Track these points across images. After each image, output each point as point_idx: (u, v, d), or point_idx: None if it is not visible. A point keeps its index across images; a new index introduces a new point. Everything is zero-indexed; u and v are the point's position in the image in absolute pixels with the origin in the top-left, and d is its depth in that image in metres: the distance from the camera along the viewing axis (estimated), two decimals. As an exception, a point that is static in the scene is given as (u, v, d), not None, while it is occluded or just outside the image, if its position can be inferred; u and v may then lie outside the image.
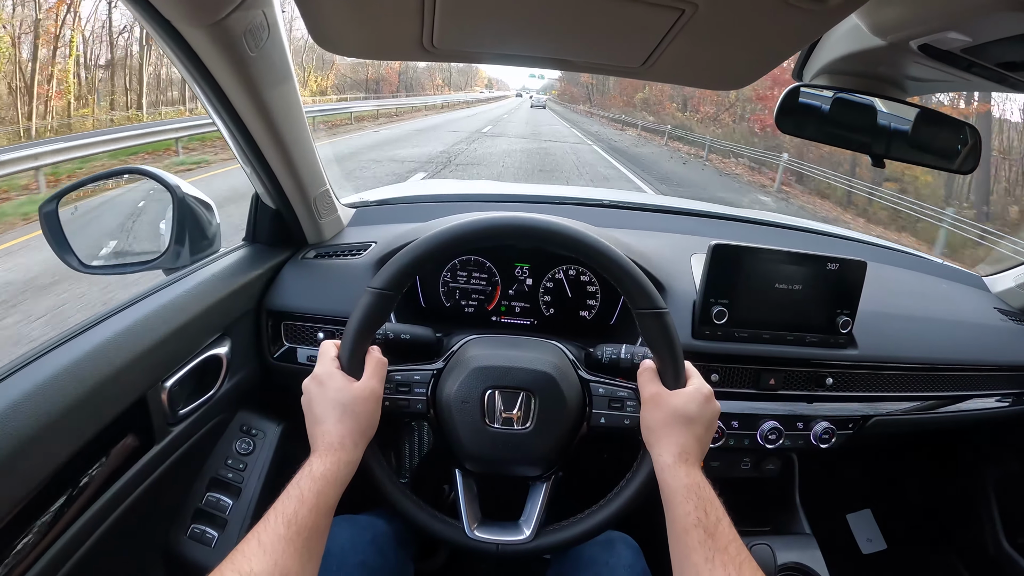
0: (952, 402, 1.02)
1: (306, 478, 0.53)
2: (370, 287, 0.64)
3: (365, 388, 0.60)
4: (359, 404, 0.59)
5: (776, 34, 0.55)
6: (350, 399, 0.59)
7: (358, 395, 0.59)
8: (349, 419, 0.58)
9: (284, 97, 0.73)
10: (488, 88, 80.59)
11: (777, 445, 0.91)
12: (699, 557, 0.51)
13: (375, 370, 0.62)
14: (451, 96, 43.72)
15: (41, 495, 0.54)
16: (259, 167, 0.81)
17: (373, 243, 0.99)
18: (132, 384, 0.66)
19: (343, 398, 0.58)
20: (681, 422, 0.61)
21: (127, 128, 11.62)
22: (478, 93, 57.71)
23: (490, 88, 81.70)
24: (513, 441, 0.65)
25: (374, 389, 0.61)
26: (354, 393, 0.59)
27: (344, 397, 0.59)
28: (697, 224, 1.28)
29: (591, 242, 0.65)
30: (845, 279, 0.89)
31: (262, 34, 0.62)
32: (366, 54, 0.61)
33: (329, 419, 0.58)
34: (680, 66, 0.61)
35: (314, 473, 0.53)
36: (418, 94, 40.57)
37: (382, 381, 0.63)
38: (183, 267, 0.86)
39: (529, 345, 0.74)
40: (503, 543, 0.64)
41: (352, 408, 0.58)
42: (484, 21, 0.53)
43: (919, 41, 0.58)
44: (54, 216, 0.86)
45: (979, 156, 0.78)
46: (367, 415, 0.60)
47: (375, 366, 0.62)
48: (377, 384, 0.62)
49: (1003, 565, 1.19)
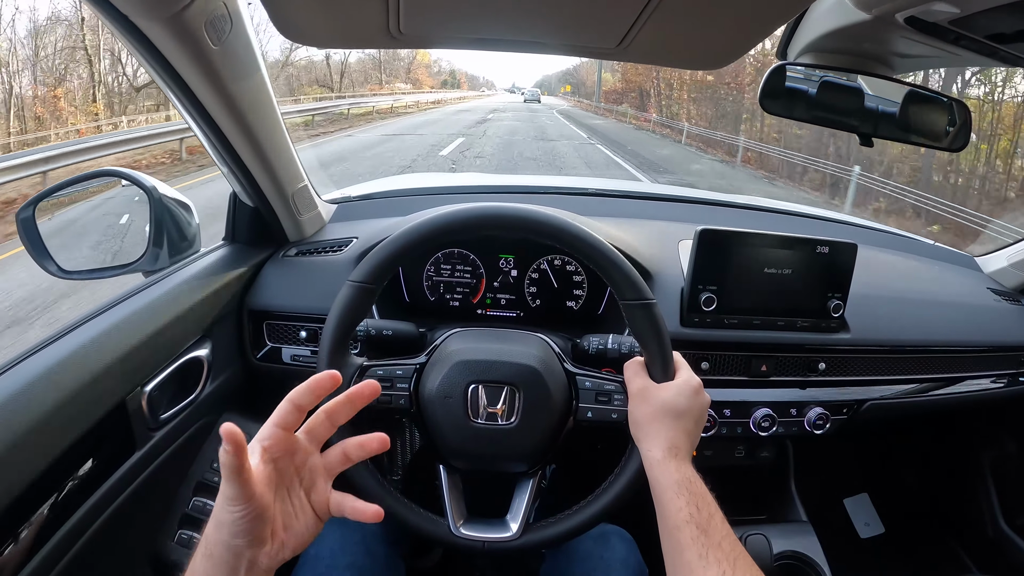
0: (946, 384, 1.01)
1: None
2: (350, 280, 0.64)
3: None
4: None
5: (757, 9, 0.53)
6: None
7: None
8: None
9: (253, 91, 0.71)
10: (447, 85, 64.43)
11: (771, 432, 0.90)
12: (692, 554, 0.50)
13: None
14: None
15: (20, 505, 0.53)
16: (233, 164, 0.79)
17: (355, 238, 0.97)
18: (110, 390, 0.64)
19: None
20: (670, 416, 0.59)
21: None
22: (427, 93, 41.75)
23: (448, 85, 65.03)
24: (497, 437, 0.64)
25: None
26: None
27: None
28: (685, 210, 1.26)
29: (576, 231, 0.64)
30: (836, 262, 0.88)
31: (224, 26, 0.60)
32: (331, 43, 0.60)
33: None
34: (658, 46, 0.59)
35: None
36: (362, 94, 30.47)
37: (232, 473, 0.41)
38: (162, 269, 0.85)
39: (513, 338, 0.72)
40: (489, 540, 0.63)
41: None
42: (450, 4, 0.51)
43: (905, 13, 0.57)
44: (31, 222, 0.85)
45: (969, 133, 0.77)
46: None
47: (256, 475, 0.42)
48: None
49: (1002, 546, 1.19)
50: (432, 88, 53.74)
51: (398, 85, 46.66)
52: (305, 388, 0.46)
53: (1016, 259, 1.13)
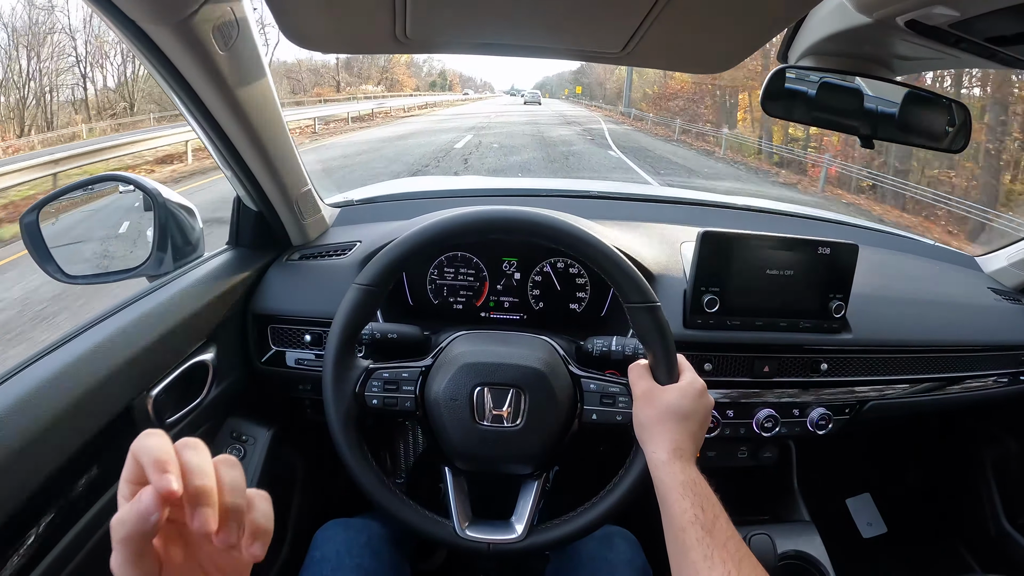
0: (948, 384, 1.01)
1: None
2: (356, 283, 0.64)
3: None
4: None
5: (759, 14, 0.54)
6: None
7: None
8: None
9: (259, 96, 0.72)
10: (437, 87, 57.05)
11: (773, 433, 0.90)
12: (697, 555, 0.50)
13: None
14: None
15: (27, 510, 0.53)
16: (238, 169, 0.80)
17: (358, 242, 0.97)
18: (117, 394, 0.64)
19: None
20: (675, 418, 0.60)
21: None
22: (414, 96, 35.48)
23: (438, 87, 57.61)
24: (503, 439, 0.64)
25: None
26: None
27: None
28: (687, 213, 1.27)
29: (580, 235, 0.64)
30: (837, 263, 0.88)
31: (231, 32, 0.61)
32: (339, 48, 0.60)
33: None
34: (662, 50, 0.59)
35: None
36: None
37: (121, 564, 0.31)
38: (166, 274, 0.85)
39: (518, 341, 0.73)
40: (494, 542, 0.64)
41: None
42: (458, 9, 0.51)
43: (905, 17, 0.57)
44: (35, 227, 0.85)
45: (969, 134, 0.77)
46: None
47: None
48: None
49: (1004, 545, 1.19)
50: (414, 91, 44.02)
51: (366, 88, 37.86)
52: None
53: (1016, 259, 1.13)
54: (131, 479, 0.33)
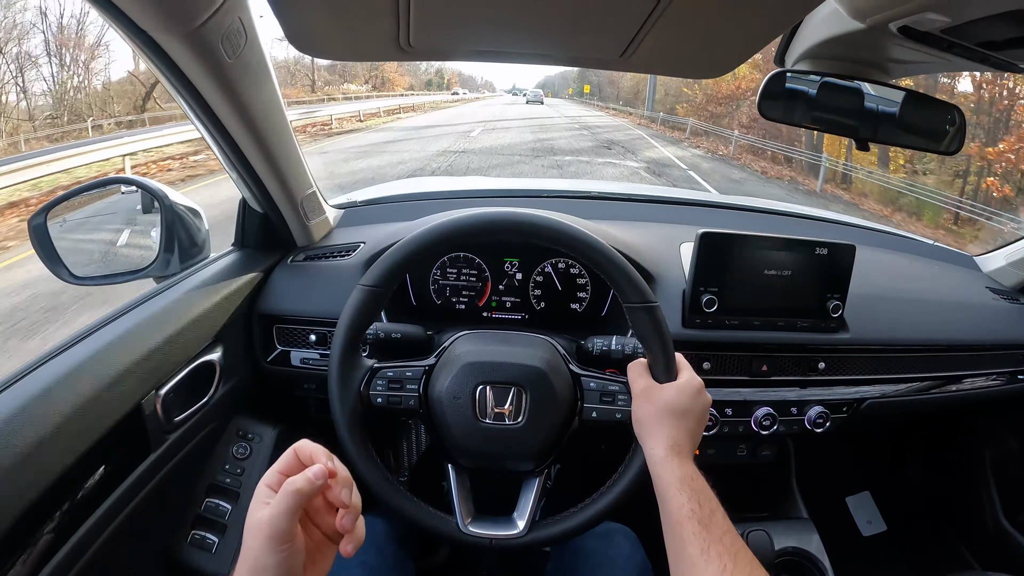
0: (946, 383, 1.02)
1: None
2: (361, 284, 0.65)
3: (251, 520, 0.45)
4: (248, 537, 0.45)
5: (755, 19, 0.55)
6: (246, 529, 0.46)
7: (249, 527, 0.45)
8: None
9: (265, 101, 0.73)
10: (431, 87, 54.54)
11: (772, 431, 0.91)
12: (694, 549, 0.51)
13: (267, 499, 0.45)
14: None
15: (39, 507, 0.54)
16: (244, 172, 0.81)
17: (362, 243, 0.99)
18: (126, 394, 0.66)
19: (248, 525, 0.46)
20: (673, 415, 0.61)
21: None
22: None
23: (434, 86, 55.52)
24: (505, 436, 0.65)
25: (259, 520, 0.44)
26: (249, 525, 0.46)
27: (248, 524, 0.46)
28: (686, 213, 1.28)
29: (580, 236, 0.65)
30: (834, 263, 0.89)
31: (239, 40, 0.62)
32: (343, 56, 0.61)
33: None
34: (660, 55, 0.60)
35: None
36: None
37: (285, 512, 0.44)
38: (173, 275, 0.87)
39: (520, 340, 0.74)
40: (497, 537, 0.65)
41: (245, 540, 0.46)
42: (460, 18, 0.53)
43: (898, 23, 0.58)
44: (43, 229, 0.86)
45: (964, 137, 0.78)
46: (248, 549, 0.45)
47: (277, 496, 0.44)
48: (267, 514, 0.44)
49: (1003, 543, 1.20)
50: (405, 91, 40.67)
51: (348, 88, 34.90)
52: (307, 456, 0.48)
53: (1014, 258, 1.14)
54: (283, 470, 0.46)
